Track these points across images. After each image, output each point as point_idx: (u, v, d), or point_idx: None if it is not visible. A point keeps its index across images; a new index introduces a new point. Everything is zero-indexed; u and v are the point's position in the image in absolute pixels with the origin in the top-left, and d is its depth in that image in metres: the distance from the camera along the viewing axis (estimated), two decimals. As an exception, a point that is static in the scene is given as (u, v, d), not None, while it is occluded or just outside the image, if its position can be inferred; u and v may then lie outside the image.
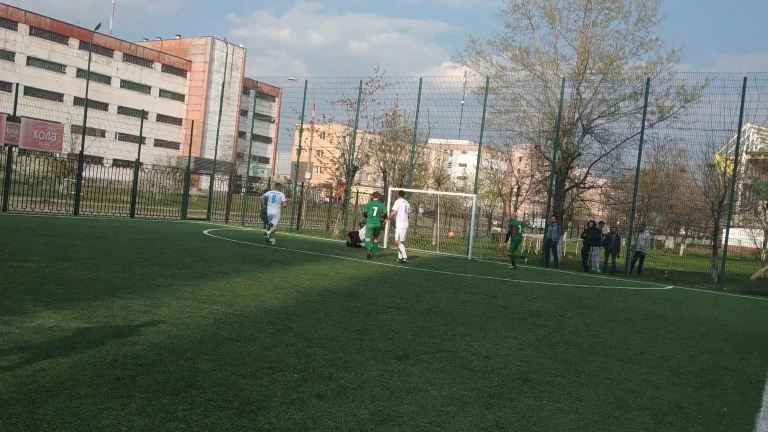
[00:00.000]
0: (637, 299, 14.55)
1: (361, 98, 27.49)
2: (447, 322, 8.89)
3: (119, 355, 5.57)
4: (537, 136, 25.68)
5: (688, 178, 29.43)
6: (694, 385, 6.68)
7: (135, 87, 77.78)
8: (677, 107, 22.96)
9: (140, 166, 28.25)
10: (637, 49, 24.25)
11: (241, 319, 7.67)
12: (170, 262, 12.41)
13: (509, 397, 5.54)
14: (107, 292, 8.50)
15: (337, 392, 5.17)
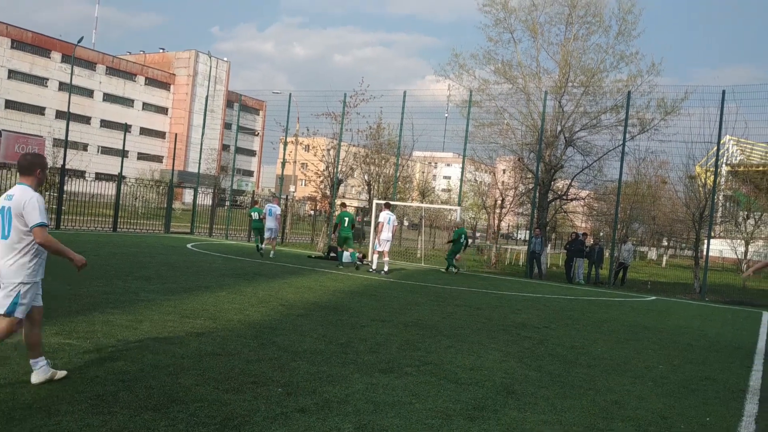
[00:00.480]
0: (620, 310, 14.63)
1: (346, 111, 27.55)
2: (431, 334, 8.89)
3: (100, 371, 5.51)
4: (520, 149, 25.85)
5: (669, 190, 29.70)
6: (677, 395, 6.72)
7: (118, 100, 77.35)
8: (658, 120, 23.25)
9: (123, 180, 28.07)
10: (618, 62, 24.56)
11: (224, 333, 7.62)
12: (153, 276, 12.30)
13: (494, 409, 5.53)
14: (88, 307, 8.41)
15: (321, 406, 5.14)
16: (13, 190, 4.82)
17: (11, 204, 4.70)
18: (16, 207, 4.68)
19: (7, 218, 4.71)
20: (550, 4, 25.28)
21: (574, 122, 24.67)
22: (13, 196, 4.74)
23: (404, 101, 25.53)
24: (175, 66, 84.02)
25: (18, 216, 4.68)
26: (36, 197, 4.73)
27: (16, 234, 4.71)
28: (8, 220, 4.70)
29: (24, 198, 4.70)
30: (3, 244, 4.74)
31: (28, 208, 4.66)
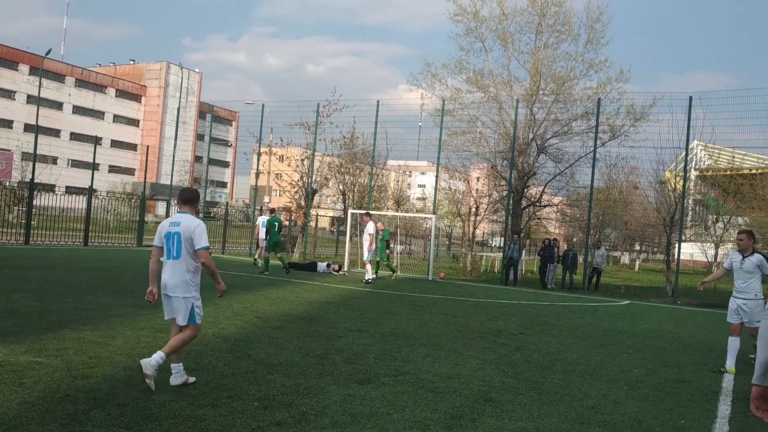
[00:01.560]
0: (594, 315, 14.77)
1: (319, 121, 27.55)
2: (408, 343, 8.87)
3: (71, 390, 5.40)
4: (493, 157, 26.04)
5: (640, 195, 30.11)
6: (652, 398, 6.78)
7: (88, 113, 76.38)
8: (627, 126, 23.60)
9: (94, 193, 27.67)
10: (587, 70, 24.92)
11: (198, 347, 7.52)
12: (125, 291, 12.12)
13: (471, 417, 5.53)
14: (59, 323, 8.25)
15: (297, 419, 5.10)
16: (178, 218, 5.64)
17: (180, 230, 5.54)
18: (185, 232, 5.50)
19: (176, 242, 5.53)
20: (520, 13, 25.61)
21: (545, 129, 24.95)
22: (180, 223, 5.56)
23: (377, 110, 25.61)
24: (146, 78, 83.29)
25: (187, 239, 5.50)
26: (202, 224, 5.57)
27: (185, 255, 5.54)
28: (178, 243, 5.53)
29: (192, 224, 5.53)
30: (172, 264, 5.57)
31: (196, 233, 5.48)
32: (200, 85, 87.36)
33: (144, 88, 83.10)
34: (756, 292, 8.42)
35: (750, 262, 8.41)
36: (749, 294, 8.44)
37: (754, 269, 8.38)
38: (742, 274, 8.50)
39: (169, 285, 5.62)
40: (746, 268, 8.44)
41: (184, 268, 5.57)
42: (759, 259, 8.40)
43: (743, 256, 8.51)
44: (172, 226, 5.62)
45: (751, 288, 8.44)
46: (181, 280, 5.58)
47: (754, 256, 8.43)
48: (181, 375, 5.72)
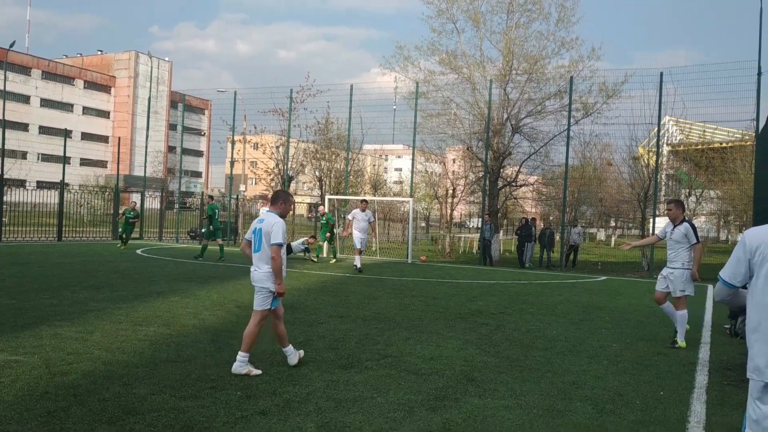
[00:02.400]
0: (573, 292, 14.94)
1: (293, 107, 27.33)
2: (390, 327, 8.90)
3: (50, 386, 5.33)
4: (468, 138, 26.06)
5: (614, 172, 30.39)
6: (632, 372, 6.89)
7: (56, 105, 74.95)
8: (600, 103, 23.72)
9: (66, 187, 27.23)
10: (559, 48, 24.94)
11: (179, 339, 7.47)
12: (102, 285, 11.98)
13: (455, 398, 5.57)
14: (35, 320, 8.13)
15: (281, 407, 5.09)
16: (264, 216, 6.17)
17: (263, 226, 6.03)
18: (266, 227, 6.00)
19: (258, 237, 6.07)
20: (491, -8, 25.49)
21: (519, 109, 24.99)
22: (264, 220, 6.09)
23: (351, 95, 25.48)
24: (115, 68, 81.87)
25: (267, 235, 5.98)
26: (280, 222, 6.04)
27: (265, 249, 5.99)
28: (259, 238, 6.05)
29: (272, 222, 6.01)
30: (256, 257, 6.08)
31: (274, 230, 5.94)
32: (170, 74, 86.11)
33: (113, 79, 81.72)
34: (684, 261, 8.33)
35: (678, 232, 8.36)
36: (677, 263, 8.37)
37: (682, 239, 8.32)
38: (672, 243, 8.46)
39: (254, 277, 6.16)
40: (675, 237, 8.42)
41: (264, 261, 6.03)
42: (686, 228, 8.32)
43: (674, 226, 8.53)
44: (258, 222, 6.18)
45: (678, 257, 8.37)
46: (262, 272, 6.06)
47: (682, 226, 8.36)
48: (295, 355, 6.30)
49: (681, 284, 8.36)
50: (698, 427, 5.09)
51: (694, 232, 8.39)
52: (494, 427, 4.84)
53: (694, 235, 8.36)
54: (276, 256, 5.95)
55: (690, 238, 8.32)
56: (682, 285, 8.36)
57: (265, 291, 6.09)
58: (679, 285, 8.37)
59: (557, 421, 5.05)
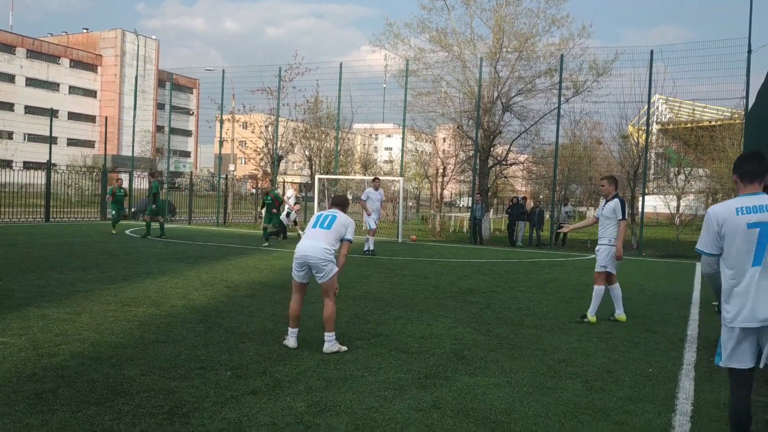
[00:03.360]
0: (563, 270, 14.99)
1: (282, 86, 27.09)
2: (380, 306, 8.90)
3: (38, 368, 5.29)
4: (459, 116, 25.94)
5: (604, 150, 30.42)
6: (621, 349, 6.92)
7: (42, 85, 73.95)
8: (590, 81, 23.63)
9: (53, 167, 26.96)
10: (550, 26, 24.77)
11: (168, 319, 7.43)
12: (90, 266, 11.89)
13: (445, 376, 5.58)
14: (22, 302, 8.07)
15: (272, 387, 5.08)
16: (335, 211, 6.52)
17: (338, 216, 6.41)
18: (342, 217, 6.40)
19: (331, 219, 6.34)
20: (481, -31, 25.22)
21: (509, 87, 24.86)
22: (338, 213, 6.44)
23: (341, 73, 25.28)
24: (101, 46, 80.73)
25: (342, 224, 6.33)
26: (352, 222, 6.48)
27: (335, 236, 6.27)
28: (333, 220, 6.33)
29: (348, 219, 6.48)
30: (325, 233, 6.26)
31: (350, 227, 6.40)
32: (158, 52, 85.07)
33: (99, 58, 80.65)
34: (611, 238, 8.34)
35: (608, 207, 8.35)
36: (604, 239, 8.39)
37: (611, 214, 8.30)
38: (602, 219, 8.45)
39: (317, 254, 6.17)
40: (605, 213, 8.40)
41: (331, 239, 6.26)
42: (615, 203, 8.29)
43: (605, 201, 8.52)
44: (330, 212, 6.52)
45: (606, 233, 8.38)
46: (322, 248, 6.19)
47: (612, 201, 8.33)
48: (333, 344, 6.28)
49: (602, 259, 8.40)
50: (687, 403, 5.13)
51: (622, 208, 8.34)
52: (484, 405, 4.85)
53: (621, 212, 8.31)
54: (347, 252, 6.44)
55: (617, 213, 8.29)
56: (604, 260, 8.39)
57: (331, 265, 6.22)
58: (601, 260, 8.41)
59: (547, 398, 5.07)
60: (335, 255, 6.29)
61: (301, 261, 6.26)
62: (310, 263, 6.21)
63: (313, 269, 6.24)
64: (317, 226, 6.36)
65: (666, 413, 4.88)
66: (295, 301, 6.44)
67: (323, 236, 6.27)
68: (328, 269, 6.20)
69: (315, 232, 6.33)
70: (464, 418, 4.57)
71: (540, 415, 4.68)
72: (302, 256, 6.23)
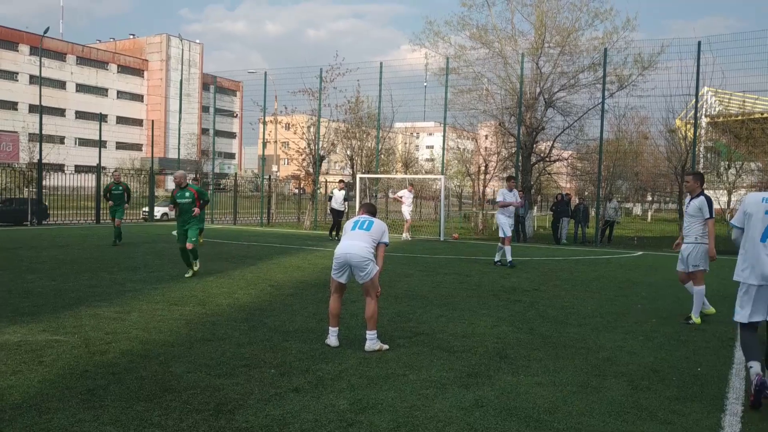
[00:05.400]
0: (608, 267, 14.74)
1: (323, 87, 27.30)
2: (422, 304, 8.90)
3: (90, 365, 5.46)
4: (500, 113, 25.76)
5: (651, 145, 29.82)
6: (668, 348, 6.78)
7: (91, 90, 76.09)
8: (635, 75, 23.24)
9: (103, 171, 27.74)
10: (593, 20, 24.42)
11: (214, 318, 7.58)
12: (139, 266, 12.21)
13: (488, 375, 5.55)
14: (75, 301, 8.33)
15: (314, 384, 5.13)
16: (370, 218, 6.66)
17: (375, 221, 6.55)
18: (379, 223, 6.57)
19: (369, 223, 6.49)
20: (522, -36, 24.99)
21: (552, 83, 24.59)
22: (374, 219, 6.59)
23: (381, 73, 25.36)
24: (147, 51, 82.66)
25: (379, 229, 6.49)
26: (385, 226, 6.61)
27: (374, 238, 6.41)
28: (370, 223, 6.49)
29: (384, 224, 6.61)
30: (365, 234, 6.40)
31: (386, 232, 6.54)
32: (202, 56, 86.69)
33: (146, 63, 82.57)
34: (696, 235, 8.12)
35: (693, 205, 8.13)
36: (690, 237, 8.17)
37: (696, 212, 8.07)
38: (687, 217, 8.24)
39: (359, 253, 6.26)
40: (690, 210, 8.18)
41: (369, 240, 6.36)
42: (701, 201, 8.07)
43: (690, 198, 8.29)
44: (366, 217, 6.62)
45: (692, 231, 8.16)
46: (363, 246, 6.30)
47: (698, 199, 8.11)
48: (375, 343, 6.32)
49: (693, 258, 8.20)
50: (737, 404, 5.00)
51: (709, 206, 8.10)
52: (527, 404, 4.81)
53: (708, 210, 8.08)
54: (383, 254, 6.55)
55: (704, 212, 8.07)
56: (695, 260, 8.18)
57: (372, 264, 6.30)
58: (692, 260, 8.21)
59: (591, 398, 5.01)
60: (375, 255, 6.38)
61: (341, 261, 6.32)
62: (351, 263, 6.27)
63: (355, 269, 6.29)
64: (356, 228, 6.49)
65: (715, 413, 4.77)
66: (335, 301, 6.50)
67: (364, 236, 6.38)
68: (369, 268, 6.26)
69: (355, 234, 6.44)
70: (507, 416, 4.55)
71: (584, 414, 4.62)
72: (343, 256, 6.30)
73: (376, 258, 6.39)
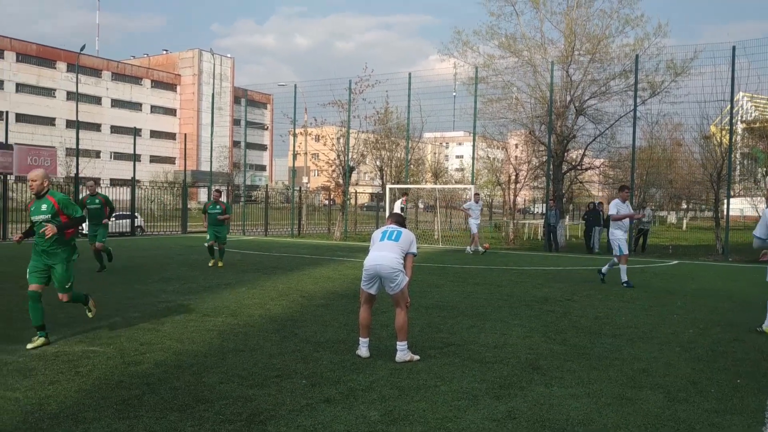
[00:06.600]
0: (642, 277, 14.49)
1: (352, 98, 27.44)
2: (453, 315, 8.85)
3: (124, 376, 5.53)
4: (531, 122, 25.58)
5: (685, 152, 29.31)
6: (706, 359, 6.62)
7: (126, 105, 77.68)
8: (668, 82, 22.89)
9: (137, 184, 28.22)
10: (623, 26, 24.15)
11: (246, 329, 7.63)
12: (172, 278, 12.37)
13: (520, 386, 5.49)
14: (110, 312, 8.47)
15: (346, 395, 5.13)
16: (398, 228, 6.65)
17: (403, 232, 6.55)
18: (407, 233, 6.56)
19: (397, 234, 6.50)
20: (550, -28, 24.88)
21: (583, 91, 24.36)
22: (402, 230, 6.61)
23: (410, 83, 25.40)
24: (180, 66, 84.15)
25: (407, 240, 6.49)
26: (413, 236, 6.63)
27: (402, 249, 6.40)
28: (398, 234, 6.50)
29: (412, 235, 6.62)
30: (394, 245, 6.40)
31: (414, 243, 6.53)
32: (233, 70, 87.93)
33: (178, 77, 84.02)
34: None
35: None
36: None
37: None
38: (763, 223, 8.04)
39: (390, 264, 6.26)
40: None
41: (398, 251, 6.36)
42: None
43: None
44: (394, 227, 6.66)
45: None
46: (394, 258, 6.30)
47: None
48: (405, 353, 6.30)
49: None
50: (779, 417, 4.85)
51: None
52: (561, 416, 4.74)
53: None
54: (412, 265, 6.52)
55: None
56: None
57: (402, 275, 6.30)
58: None
59: (627, 410, 4.91)
60: (404, 266, 6.36)
61: (371, 272, 6.32)
62: (381, 274, 6.27)
63: (385, 280, 6.29)
64: (385, 239, 6.47)
65: (756, 426, 4.64)
66: (365, 311, 6.50)
67: (393, 247, 6.36)
68: (399, 279, 6.25)
69: (383, 245, 6.43)
70: (540, 428, 4.48)
71: (619, 427, 4.54)
72: (372, 267, 6.29)
73: (405, 268, 6.38)
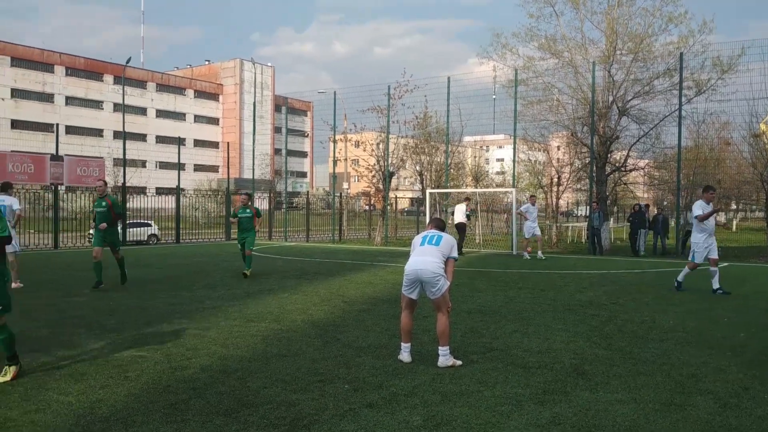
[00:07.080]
0: (690, 279, 14.11)
1: (391, 104, 27.51)
2: (495, 320, 8.78)
3: (172, 380, 5.65)
4: (572, 123, 25.24)
5: (733, 151, 28.53)
6: (758, 364, 6.43)
7: (170, 115, 79.34)
8: (714, 79, 22.30)
9: (182, 192, 28.79)
10: (667, 24, 23.64)
11: (289, 334, 7.71)
12: (217, 284, 12.57)
13: (564, 391, 5.41)
14: (157, 318, 8.65)
15: (388, 400, 5.14)
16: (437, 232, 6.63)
17: (443, 236, 6.53)
18: (447, 238, 6.53)
19: (438, 239, 6.47)
20: (590, -28, 24.54)
21: (625, 91, 23.92)
22: (443, 235, 6.58)
23: (449, 87, 25.35)
24: (222, 76, 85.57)
25: (448, 243, 6.46)
26: (454, 240, 6.68)
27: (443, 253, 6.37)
28: (438, 239, 6.47)
29: (453, 239, 6.65)
30: (434, 249, 6.37)
31: (454, 247, 6.54)
32: (273, 78, 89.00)
33: (220, 87, 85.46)
34: None
35: None
36: None
37: None
38: None
39: (431, 269, 6.26)
40: None
41: (439, 255, 6.34)
42: None
43: None
44: (435, 232, 6.62)
45: None
46: (434, 262, 6.30)
47: None
48: (447, 359, 6.28)
49: None
50: (837, 424, 4.68)
51: None
52: (607, 422, 4.66)
53: None
54: (453, 269, 6.51)
55: None
56: None
57: (443, 280, 6.29)
58: None
59: (675, 416, 4.80)
60: (445, 271, 6.34)
61: (412, 277, 6.32)
62: (423, 279, 6.26)
63: (427, 285, 6.28)
64: (425, 244, 6.46)
65: (812, 434, 4.48)
66: (406, 317, 6.50)
67: (434, 252, 6.35)
68: (440, 284, 6.24)
69: (424, 249, 6.41)
70: (585, 434, 4.41)
71: (668, 434, 4.44)
72: (414, 272, 6.30)
73: (446, 273, 6.36)
